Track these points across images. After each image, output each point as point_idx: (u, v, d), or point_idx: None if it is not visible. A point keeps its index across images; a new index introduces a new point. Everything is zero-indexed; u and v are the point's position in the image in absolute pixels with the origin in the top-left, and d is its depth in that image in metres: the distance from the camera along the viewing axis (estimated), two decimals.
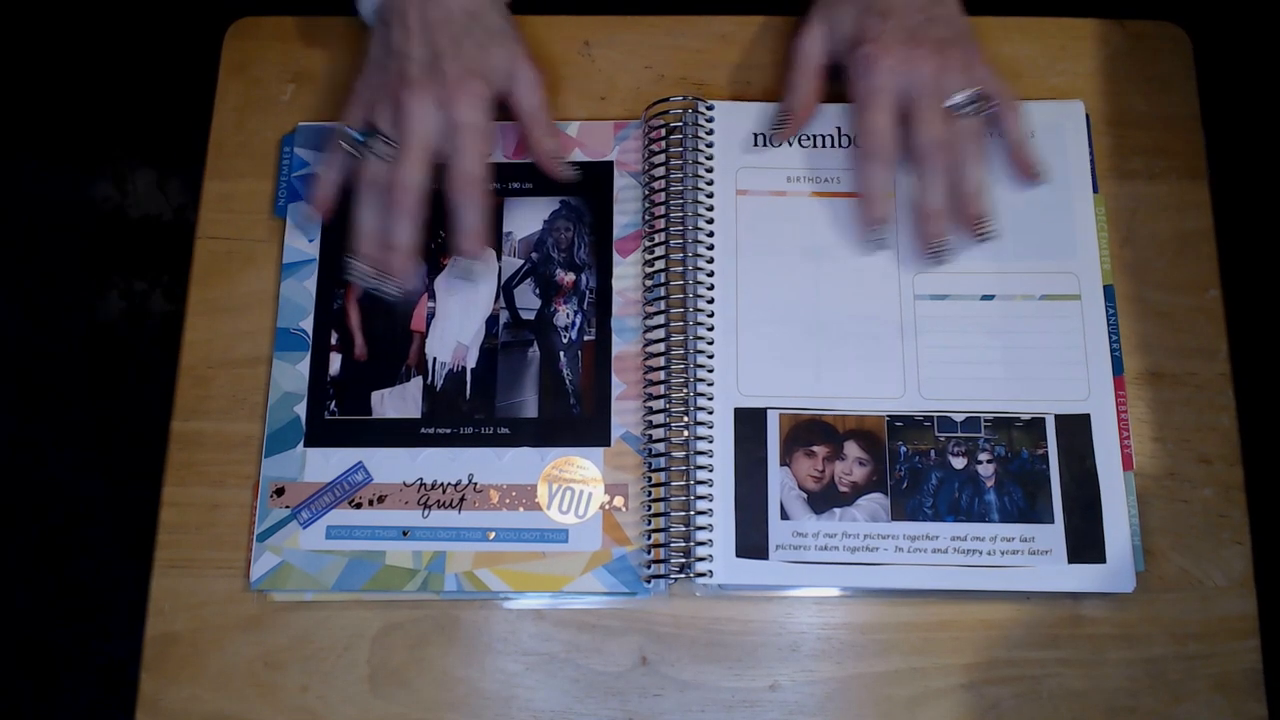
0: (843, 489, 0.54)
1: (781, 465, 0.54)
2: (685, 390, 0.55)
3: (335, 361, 0.57)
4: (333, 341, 0.58)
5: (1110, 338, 0.57)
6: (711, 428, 0.55)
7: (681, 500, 0.54)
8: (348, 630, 0.54)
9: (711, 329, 0.56)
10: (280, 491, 0.55)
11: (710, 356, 0.56)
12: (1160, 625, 0.54)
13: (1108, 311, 0.57)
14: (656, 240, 0.58)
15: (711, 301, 0.57)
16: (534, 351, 0.57)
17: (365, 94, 0.57)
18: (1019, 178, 0.59)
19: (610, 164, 0.60)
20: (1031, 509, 0.54)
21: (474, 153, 0.55)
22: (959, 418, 0.55)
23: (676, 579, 0.53)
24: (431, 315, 0.58)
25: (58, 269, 1.26)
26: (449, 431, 0.56)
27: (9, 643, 1.13)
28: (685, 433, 0.55)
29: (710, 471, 0.54)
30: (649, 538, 0.54)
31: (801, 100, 0.59)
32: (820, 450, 0.55)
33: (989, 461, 0.54)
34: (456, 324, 0.58)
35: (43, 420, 1.21)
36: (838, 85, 0.62)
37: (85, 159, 1.29)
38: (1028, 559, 0.53)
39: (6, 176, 1.29)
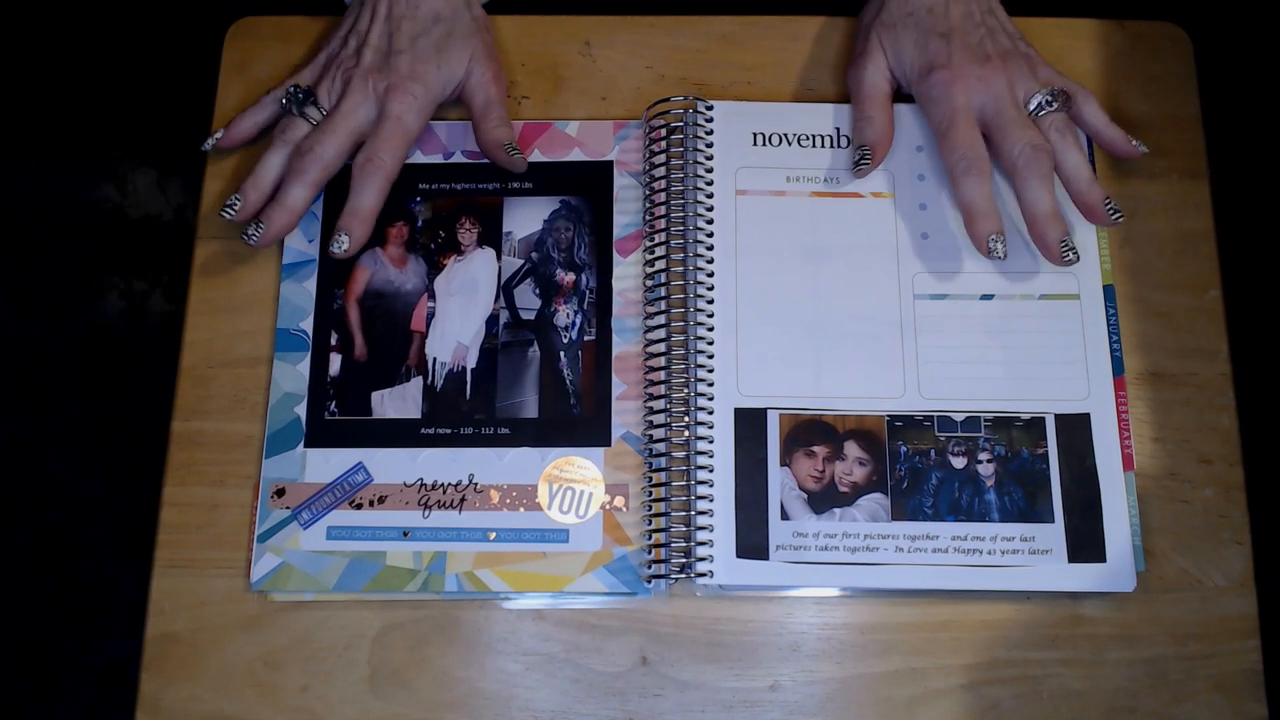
0: (843, 489, 0.54)
1: (782, 465, 0.54)
2: (685, 390, 0.55)
3: (335, 362, 0.57)
4: (333, 342, 0.58)
5: (1110, 338, 0.57)
6: (712, 428, 0.55)
7: (682, 500, 0.54)
8: (348, 630, 0.54)
9: (711, 329, 0.56)
10: (281, 492, 0.55)
11: (710, 357, 0.56)
12: (1160, 625, 0.54)
13: (1108, 311, 0.57)
14: (657, 240, 0.58)
15: (711, 302, 0.57)
16: (534, 351, 0.57)
17: (321, 62, 0.60)
18: (1118, 155, 0.59)
19: (610, 164, 0.60)
20: (1031, 508, 0.54)
21: (392, 143, 0.58)
22: (959, 417, 0.55)
23: (677, 579, 0.53)
24: (431, 315, 0.58)
25: (58, 269, 1.26)
26: (449, 432, 0.56)
27: (9, 643, 1.13)
28: (685, 433, 0.55)
29: (710, 472, 0.54)
30: (649, 538, 0.54)
31: (879, 133, 0.59)
32: (820, 450, 0.55)
33: (989, 461, 0.54)
34: (456, 324, 0.58)
35: (43, 420, 1.21)
36: (839, 86, 0.63)
37: (85, 159, 1.29)
38: (1028, 558, 0.53)
39: (6, 176, 1.29)
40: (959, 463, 0.54)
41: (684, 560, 0.53)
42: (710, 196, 0.59)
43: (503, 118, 0.60)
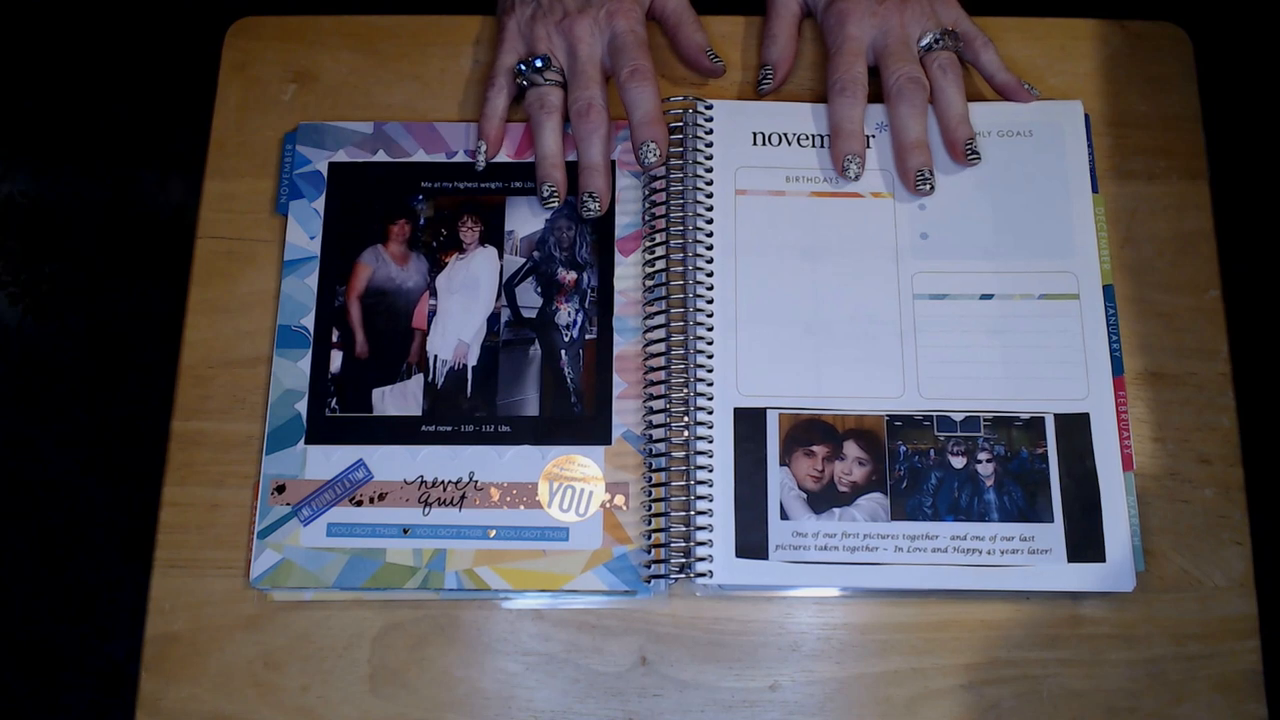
0: (842, 489, 0.54)
1: (781, 465, 0.54)
2: (685, 390, 0.55)
3: (336, 359, 0.57)
4: (334, 339, 0.58)
5: (1110, 338, 0.57)
6: (711, 427, 0.55)
7: (681, 500, 0.54)
8: (348, 630, 0.54)
9: (711, 329, 0.56)
10: (281, 489, 0.55)
11: (710, 356, 0.56)
12: (1160, 625, 0.54)
13: (1107, 311, 0.57)
14: (657, 240, 0.58)
15: (711, 301, 0.57)
16: (535, 350, 0.57)
17: (520, 30, 0.60)
18: (1011, 99, 0.60)
19: (612, 164, 0.60)
20: (1031, 508, 0.54)
21: (642, 50, 0.59)
22: (958, 417, 0.55)
23: (676, 579, 0.53)
24: (433, 313, 0.58)
25: (58, 269, 1.26)
26: (450, 429, 0.56)
27: (9, 643, 1.13)
28: (685, 432, 0.55)
29: (710, 471, 0.54)
30: (649, 537, 0.54)
31: (782, 50, 0.61)
32: (820, 450, 0.55)
33: (988, 461, 0.54)
34: (458, 322, 0.58)
35: (43, 420, 1.20)
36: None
37: (85, 159, 1.29)
38: (1027, 558, 0.53)
39: (7, 176, 1.29)
40: (958, 462, 0.54)
41: (684, 560, 0.53)
42: (710, 196, 0.59)
43: (698, 23, 0.62)
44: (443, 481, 0.55)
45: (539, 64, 0.59)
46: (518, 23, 0.60)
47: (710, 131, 0.60)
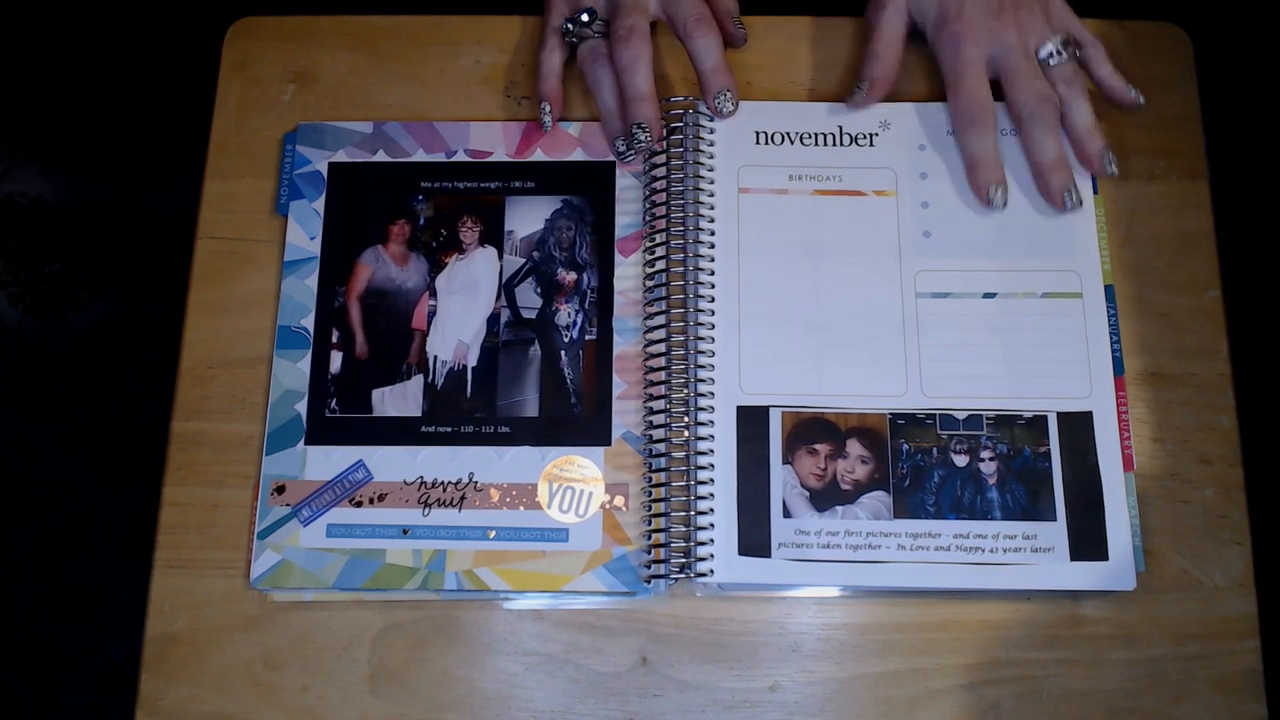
0: (845, 487, 0.54)
1: (784, 463, 0.54)
2: (686, 390, 0.55)
3: (336, 359, 0.57)
4: (334, 339, 0.58)
5: (1110, 338, 0.57)
6: (712, 427, 0.55)
7: (682, 500, 0.54)
8: (348, 630, 0.54)
9: (713, 327, 0.56)
10: (281, 489, 0.55)
11: (711, 355, 0.56)
12: (1160, 625, 0.54)
13: (1108, 311, 0.57)
14: (657, 240, 0.58)
15: (713, 300, 0.57)
16: (535, 350, 0.57)
17: None
18: (1118, 104, 0.60)
19: (612, 163, 0.60)
20: (1034, 506, 0.54)
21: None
22: (961, 415, 0.55)
23: (677, 579, 0.53)
24: (432, 314, 0.58)
25: (58, 269, 1.26)
26: (449, 430, 0.56)
27: (9, 643, 1.13)
28: (686, 432, 0.55)
29: (711, 471, 0.54)
30: (649, 538, 0.54)
31: (885, 69, 0.60)
32: (822, 448, 0.55)
33: (991, 459, 0.54)
34: (457, 322, 0.58)
35: (43, 420, 1.21)
36: (840, 85, 0.63)
37: (85, 159, 1.29)
38: (1030, 556, 0.53)
39: (7, 176, 1.29)
40: (961, 461, 0.54)
41: (684, 560, 0.53)
42: (711, 195, 0.59)
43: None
44: (442, 482, 0.55)
45: (584, 17, 0.58)
46: None
47: (712, 131, 0.60)
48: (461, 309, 0.58)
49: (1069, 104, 0.58)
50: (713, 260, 0.57)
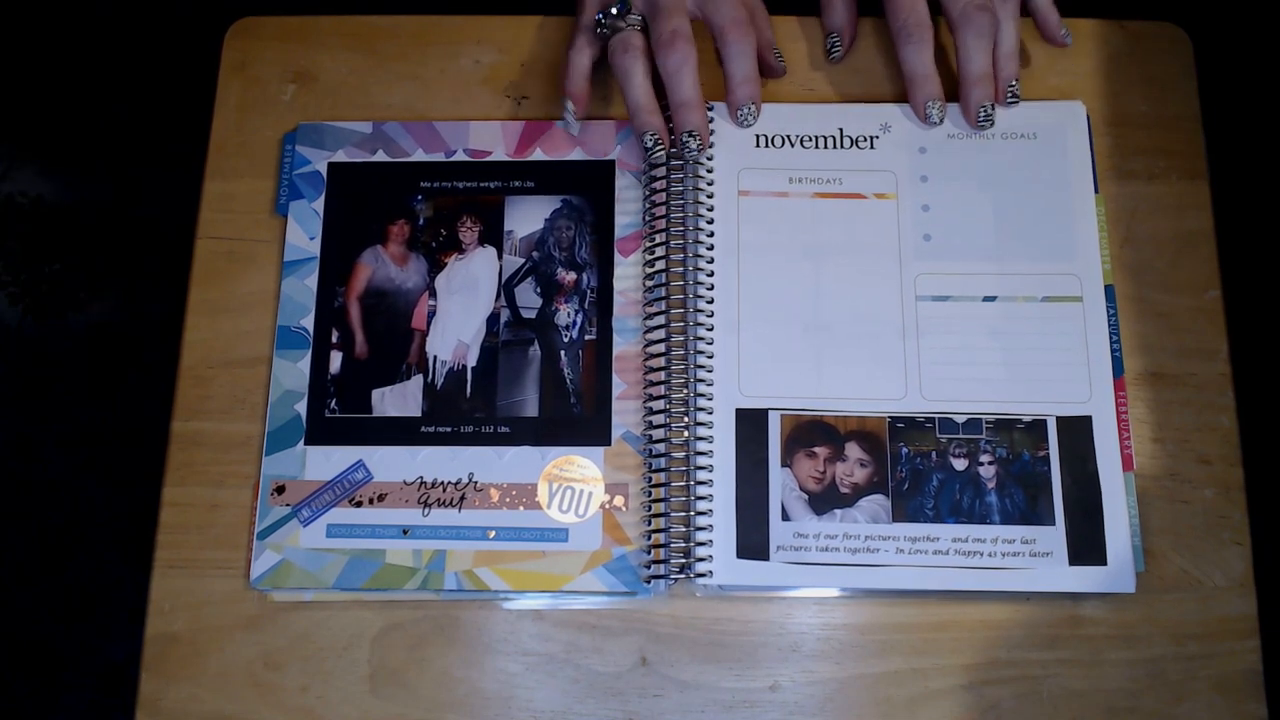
0: (844, 490, 0.54)
1: (783, 466, 0.54)
2: (685, 390, 0.55)
3: (336, 359, 0.57)
4: (333, 339, 0.58)
5: (1111, 338, 0.57)
6: (712, 428, 0.55)
7: (682, 501, 0.54)
8: (348, 630, 0.54)
9: (712, 329, 0.56)
10: (281, 489, 0.55)
11: (710, 357, 0.56)
12: (1160, 625, 0.54)
13: (1108, 312, 0.57)
14: (657, 240, 0.58)
15: (712, 302, 0.57)
16: (535, 350, 0.57)
17: None
18: (1047, 37, 0.60)
19: (612, 163, 0.60)
20: (1033, 511, 0.54)
21: (736, 3, 0.57)
22: (960, 419, 0.55)
23: (676, 579, 0.53)
24: (432, 314, 0.58)
25: (58, 269, 1.26)
26: (449, 430, 0.56)
27: (9, 643, 1.13)
28: (685, 433, 0.55)
29: (710, 472, 0.54)
30: (649, 538, 0.54)
31: (844, 14, 0.60)
32: (821, 451, 0.55)
33: (990, 463, 0.54)
34: (457, 322, 0.58)
35: (43, 420, 1.21)
36: (841, 87, 0.63)
37: (85, 159, 1.29)
38: (1028, 561, 0.53)
39: (7, 176, 1.29)
40: (960, 464, 0.54)
41: (683, 560, 0.53)
42: (711, 197, 0.59)
43: (768, 20, 0.60)
44: (442, 482, 0.55)
45: (616, 10, 0.57)
46: None
47: (712, 133, 0.60)
48: (461, 309, 0.58)
49: (1000, 21, 0.58)
50: (712, 262, 0.57)
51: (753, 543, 0.53)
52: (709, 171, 0.59)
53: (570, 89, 0.59)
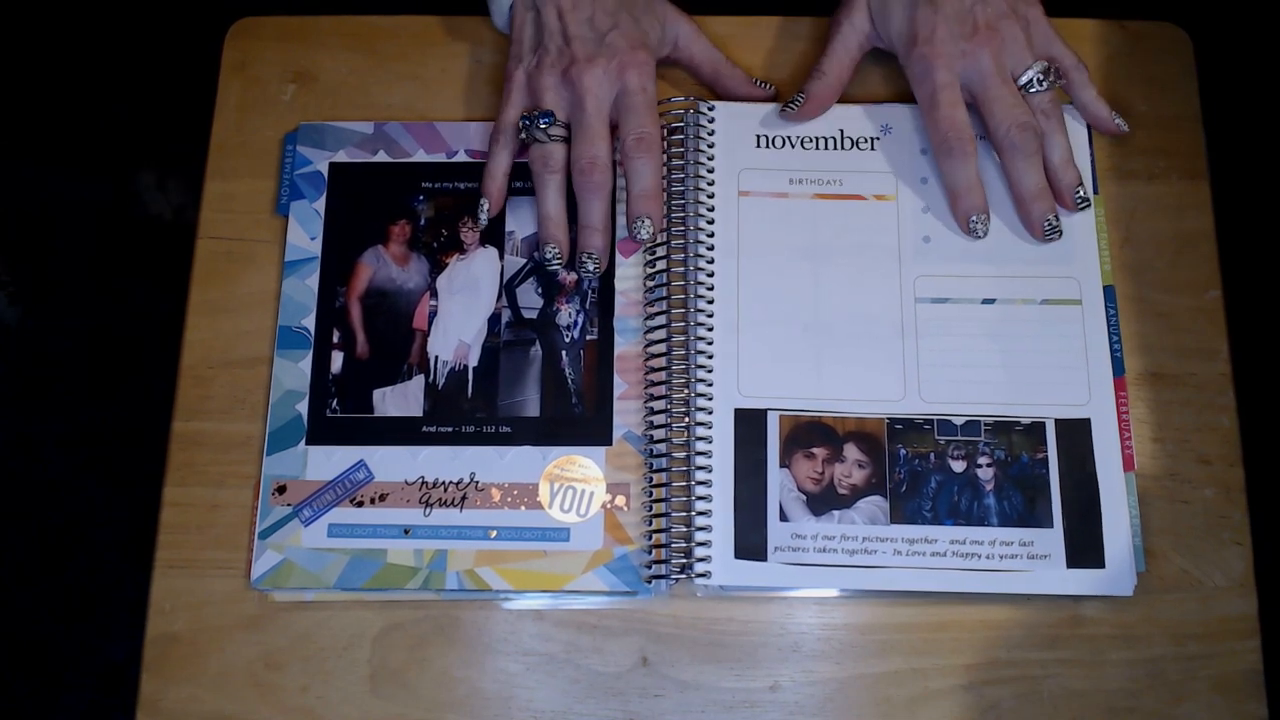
0: (842, 491, 0.54)
1: (781, 467, 0.54)
2: (686, 391, 0.55)
3: (337, 359, 0.57)
4: (335, 340, 0.58)
5: (1111, 338, 0.57)
6: (711, 428, 0.55)
7: (682, 501, 0.54)
8: (348, 630, 0.54)
9: (712, 330, 0.56)
10: (282, 489, 0.55)
11: (710, 357, 0.56)
12: (1160, 626, 0.54)
13: (1108, 312, 0.57)
14: (658, 240, 0.58)
15: (712, 302, 0.57)
16: (536, 350, 0.57)
17: (524, 80, 0.58)
18: (1101, 130, 0.60)
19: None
20: (1031, 513, 0.54)
21: (651, 114, 0.57)
22: (959, 421, 0.55)
23: (677, 579, 0.53)
24: (433, 314, 0.58)
25: (58, 269, 1.26)
26: (450, 430, 0.56)
27: (9, 643, 1.13)
28: (686, 433, 0.55)
29: (710, 472, 0.54)
30: (650, 538, 0.54)
31: (824, 90, 0.59)
32: (820, 452, 0.55)
33: (989, 465, 0.54)
34: (458, 322, 0.58)
35: (43, 420, 1.21)
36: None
37: (86, 159, 1.29)
38: (1026, 563, 0.53)
39: (7, 177, 1.29)
40: (958, 466, 0.54)
41: (684, 560, 0.53)
42: (711, 197, 0.59)
43: (729, 62, 0.61)
44: (443, 482, 0.55)
45: (544, 122, 0.56)
46: (525, 72, 0.58)
47: (712, 133, 0.60)
48: (462, 309, 0.58)
49: (1046, 135, 0.57)
50: (712, 262, 0.57)
51: (751, 543, 0.53)
52: (709, 172, 0.59)
53: (488, 188, 0.59)
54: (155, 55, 1.28)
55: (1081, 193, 0.57)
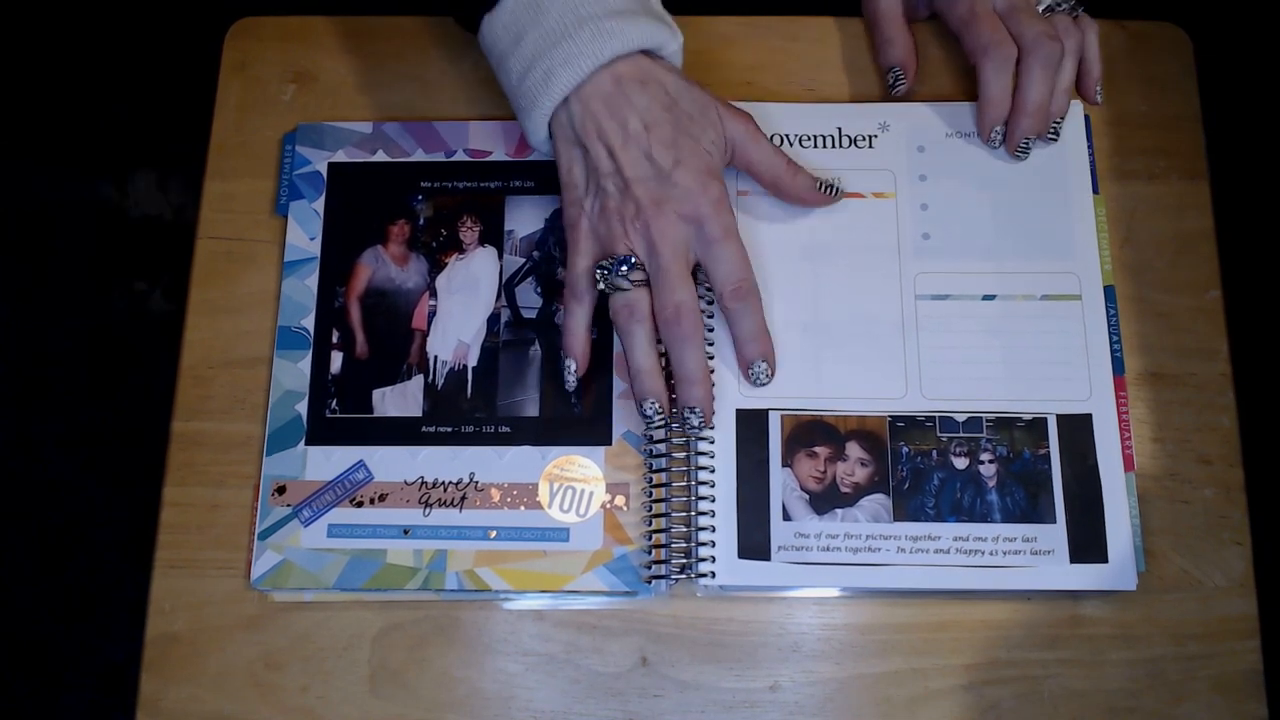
0: (844, 490, 0.54)
1: (783, 466, 0.54)
2: None
3: (336, 359, 0.57)
4: (334, 340, 0.58)
5: (1111, 338, 0.57)
6: (712, 428, 0.55)
7: (682, 501, 0.54)
8: (348, 630, 0.54)
9: (712, 330, 0.56)
10: (281, 490, 0.55)
11: (711, 358, 0.56)
12: (1160, 625, 0.54)
13: (1108, 312, 0.57)
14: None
15: (712, 303, 0.57)
16: (535, 350, 0.57)
17: (593, 228, 0.54)
18: (1082, 91, 0.60)
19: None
20: (1033, 509, 0.54)
21: (738, 258, 0.53)
22: (961, 418, 0.55)
23: (677, 579, 0.53)
24: (433, 314, 0.58)
25: (58, 269, 1.26)
26: (450, 430, 0.56)
27: (9, 643, 1.13)
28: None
29: (711, 472, 0.54)
30: (650, 538, 0.54)
31: (904, 52, 0.60)
32: (822, 451, 0.55)
33: (991, 462, 0.54)
34: (458, 322, 0.58)
35: (43, 420, 1.20)
36: (840, 86, 0.63)
37: (86, 159, 1.29)
38: (1030, 559, 0.53)
39: (7, 177, 1.28)
40: (961, 463, 0.54)
41: (684, 560, 0.53)
42: None
43: (792, 164, 0.56)
44: (443, 482, 0.55)
45: (622, 267, 0.52)
46: (589, 220, 0.54)
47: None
48: (462, 309, 0.58)
49: (1064, 55, 0.58)
50: None
51: (754, 543, 0.53)
52: None
53: (572, 349, 0.55)
54: (155, 55, 1.28)
55: (1059, 125, 0.58)
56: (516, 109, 0.55)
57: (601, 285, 0.53)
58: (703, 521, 0.53)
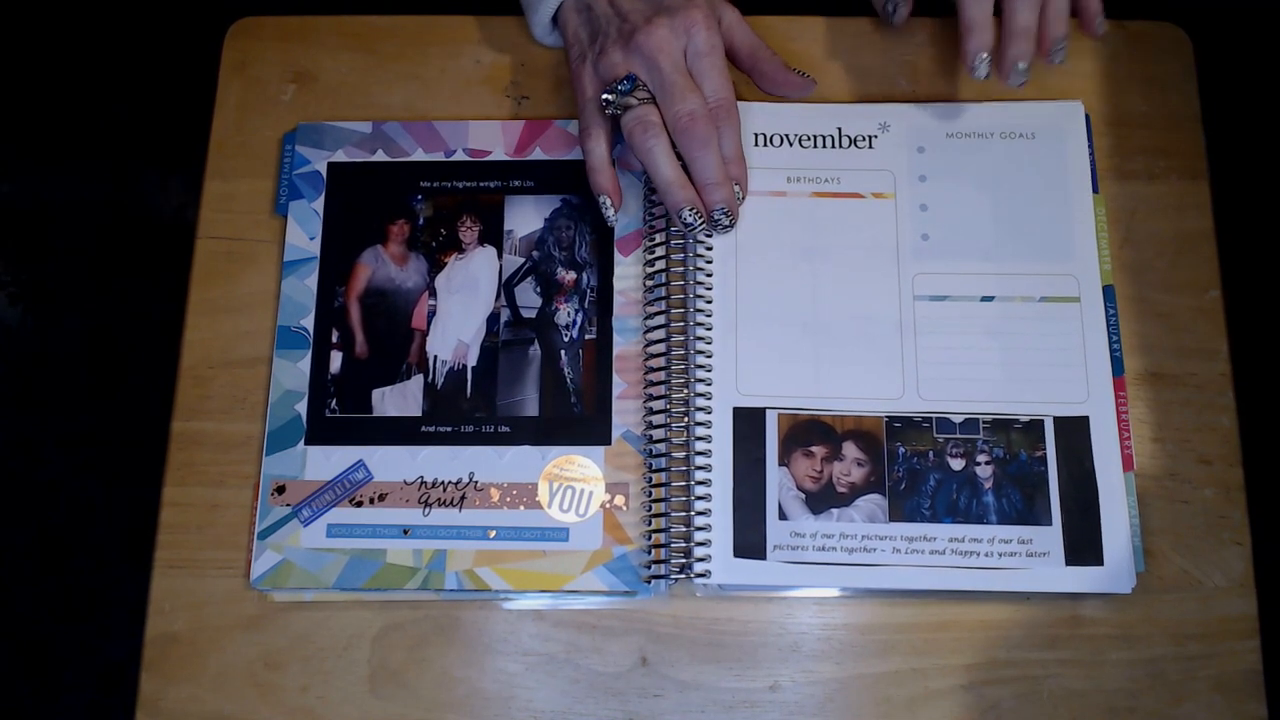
0: (841, 489, 0.54)
1: (780, 465, 0.54)
2: (685, 390, 0.55)
3: (336, 359, 0.57)
4: (334, 339, 0.58)
5: (1110, 338, 0.57)
6: (710, 427, 0.55)
7: (681, 500, 0.54)
8: (348, 630, 0.54)
9: (710, 329, 0.56)
10: (281, 489, 0.55)
11: (709, 356, 0.56)
12: (1160, 625, 0.54)
13: (1108, 312, 0.57)
14: (657, 240, 0.58)
15: (710, 302, 0.57)
16: (535, 350, 0.57)
17: (590, 67, 0.57)
18: (1081, 19, 0.58)
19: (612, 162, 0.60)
20: (1030, 511, 0.54)
21: (722, 78, 0.55)
22: (958, 419, 0.55)
23: (677, 579, 0.53)
24: (432, 313, 0.58)
25: (58, 269, 1.26)
26: (449, 430, 0.56)
27: (9, 643, 1.13)
28: (685, 433, 0.55)
29: (709, 472, 0.54)
30: (649, 537, 0.54)
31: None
32: (819, 450, 0.55)
33: (987, 463, 0.54)
34: (457, 322, 0.58)
35: (43, 420, 1.21)
36: (840, 86, 0.63)
37: (86, 159, 1.29)
38: (1025, 561, 0.53)
39: (7, 177, 1.29)
40: (957, 464, 0.54)
41: (684, 560, 0.53)
42: None
43: (770, 51, 0.59)
44: (443, 482, 0.55)
45: (624, 87, 0.55)
46: (591, 63, 0.57)
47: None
48: (461, 308, 0.58)
49: None
50: (711, 262, 0.57)
51: (750, 542, 0.53)
52: None
53: (602, 185, 0.57)
54: (155, 55, 1.28)
55: (1063, 45, 0.57)
56: (526, 5, 0.60)
57: (610, 109, 0.55)
58: (700, 521, 0.53)
